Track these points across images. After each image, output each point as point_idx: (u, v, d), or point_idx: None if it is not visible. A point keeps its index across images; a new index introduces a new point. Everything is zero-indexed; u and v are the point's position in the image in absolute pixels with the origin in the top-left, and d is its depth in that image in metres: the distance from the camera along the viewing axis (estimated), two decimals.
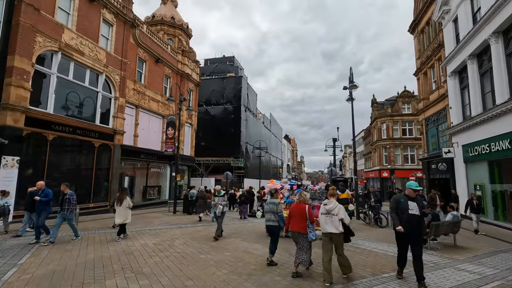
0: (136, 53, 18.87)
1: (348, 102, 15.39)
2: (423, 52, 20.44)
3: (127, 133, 17.79)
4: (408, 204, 4.79)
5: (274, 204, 6.03)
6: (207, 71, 41.11)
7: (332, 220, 4.86)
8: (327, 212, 4.96)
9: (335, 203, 5.00)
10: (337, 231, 4.79)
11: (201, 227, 10.69)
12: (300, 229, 5.04)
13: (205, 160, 35.73)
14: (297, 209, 5.23)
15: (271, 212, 5.93)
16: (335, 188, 5.64)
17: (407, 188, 5.01)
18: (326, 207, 5.00)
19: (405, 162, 33.97)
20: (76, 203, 8.27)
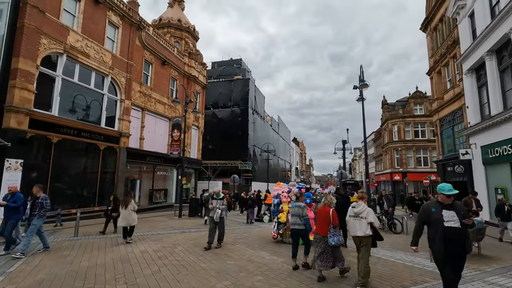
0: (142, 55, 18.76)
1: (359, 102, 14.80)
2: (437, 50, 19.68)
3: (133, 136, 17.62)
4: (443, 214, 3.66)
5: (299, 207, 5.95)
6: (215, 74, 40.99)
7: (360, 223, 4.78)
8: (356, 215, 4.88)
9: (363, 206, 4.91)
10: (364, 235, 4.70)
11: (205, 232, 10.22)
12: (324, 233, 5.01)
13: (212, 163, 35.46)
14: (322, 212, 5.22)
15: (297, 216, 5.86)
16: (363, 191, 5.57)
17: (439, 193, 3.84)
18: (354, 209, 4.92)
19: (417, 165, 32.89)
20: (49, 208, 7.36)
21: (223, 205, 7.70)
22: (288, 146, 66.94)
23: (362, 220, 4.78)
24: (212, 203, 7.76)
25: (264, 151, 39.65)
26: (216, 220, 7.50)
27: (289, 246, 7.65)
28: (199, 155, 26.10)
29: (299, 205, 6.04)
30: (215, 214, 7.51)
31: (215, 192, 8.01)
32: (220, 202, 7.69)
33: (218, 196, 7.81)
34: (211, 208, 7.69)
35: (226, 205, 7.81)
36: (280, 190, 8.28)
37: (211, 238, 7.51)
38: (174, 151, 17.43)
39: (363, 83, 13.20)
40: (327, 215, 5.07)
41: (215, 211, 7.53)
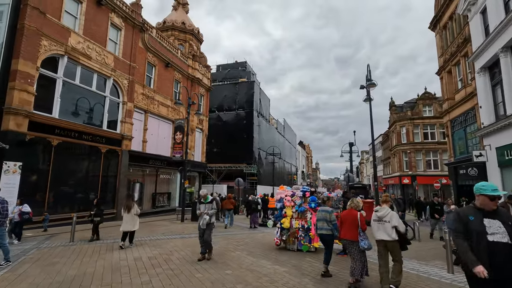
0: (145, 57, 18.61)
1: (366, 102, 14.29)
2: (447, 49, 19.05)
3: (135, 139, 17.40)
4: (485, 223, 2.70)
5: (326, 212, 5.85)
6: (219, 77, 40.86)
7: (384, 227, 4.71)
8: (379, 219, 4.82)
9: (387, 209, 4.85)
10: (390, 239, 4.61)
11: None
12: (352, 237, 4.91)
13: (217, 167, 35.15)
14: (349, 216, 5.11)
15: (324, 220, 5.77)
16: (387, 195, 5.43)
17: (479, 195, 2.84)
18: (377, 213, 4.86)
19: (427, 168, 31.97)
20: (7, 213, 6.23)
21: (212, 209, 6.87)
22: (294, 149, 66.32)
23: (386, 224, 4.70)
24: (200, 208, 6.89)
25: (269, 154, 39.21)
26: (203, 227, 6.64)
27: (292, 253, 7.22)
28: (203, 158, 25.80)
29: (325, 209, 5.92)
30: (201, 220, 6.67)
31: (202, 196, 7.06)
32: (209, 207, 6.87)
33: (206, 200, 6.94)
34: (198, 214, 6.91)
35: (215, 209, 7.02)
36: (283, 194, 7.83)
37: (203, 248, 6.76)
38: (176, 154, 17.13)
39: (370, 83, 12.72)
40: (354, 219, 4.98)
41: (202, 217, 6.68)
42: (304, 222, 7.32)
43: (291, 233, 7.38)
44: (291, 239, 7.43)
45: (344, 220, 5.15)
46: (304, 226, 7.26)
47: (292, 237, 7.41)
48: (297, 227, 7.36)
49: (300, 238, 7.28)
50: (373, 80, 12.73)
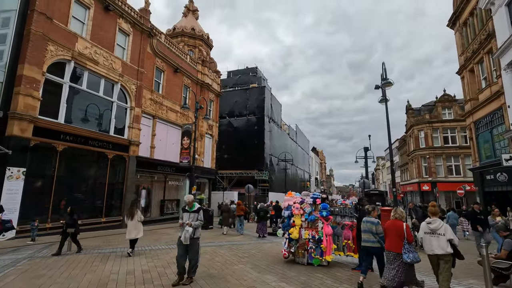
0: (153, 62, 18.49)
1: (382, 103, 13.43)
2: (468, 46, 17.94)
3: (143, 144, 17.15)
4: None
5: (372, 223, 5.57)
6: (230, 83, 40.71)
7: (438, 240, 4.52)
8: (432, 232, 4.62)
9: (440, 222, 4.66)
10: (444, 252, 4.43)
11: (210, 247, 9.23)
12: (397, 249, 4.65)
13: (228, 173, 34.68)
14: (394, 227, 4.84)
15: (370, 232, 5.51)
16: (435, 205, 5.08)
17: None
18: (430, 226, 4.65)
19: (448, 174, 30.26)
20: None
21: (197, 220, 5.52)
22: (307, 155, 65.10)
23: (440, 237, 4.51)
24: (183, 218, 5.59)
25: (281, 160, 38.40)
26: (185, 242, 5.24)
27: (302, 267, 6.48)
28: (213, 164, 25.35)
29: (371, 220, 5.63)
30: (182, 233, 5.33)
31: (186, 202, 5.72)
32: (194, 217, 5.50)
33: (191, 208, 5.59)
34: (179, 224, 5.61)
35: (202, 221, 5.66)
36: (291, 201, 7.13)
37: (180, 267, 5.36)
38: (184, 160, 16.73)
39: (386, 82, 11.89)
40: (400, 230, 4.71)
41: (184, 229, 5.33)
42: (314, 233, 6.58)
43: (300, 245, 6.65)
44: (300, 251, 6.69)
45: (388, 231, 4.89)
46: (314, 237, 6.52)
47: (301, 249, 6.67)
48: (306, 238, 6.63)
49: (311, 250, 6.53)
50: (389, 79, 11.89)
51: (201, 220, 5.67)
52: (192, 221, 5.47)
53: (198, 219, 5.60)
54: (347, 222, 6.88)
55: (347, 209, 7.07)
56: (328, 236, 6.37)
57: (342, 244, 6.79)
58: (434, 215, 4.76)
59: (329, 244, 6.34)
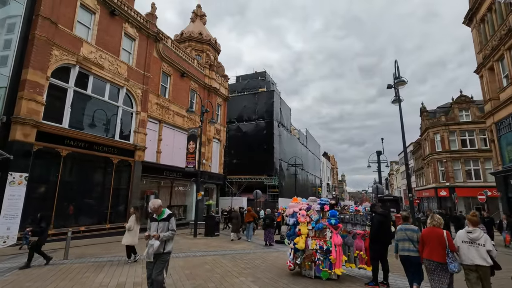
0: (159, 67, 18.39)
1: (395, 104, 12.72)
2: (486, 43, 17.00)
3: (149, 149, 16.94)
4: None
5: (413, 231, 5.36)
6: (239, 88, 40.53)
7: (478, 250, 4.36)
8: (471, 242, 4.45)
9: (480, 231, 4.50)
10: (485, 264, 4.27)
11: (212, 256, 8.73)
12: (439, 259, 4.49)
13: (237, 179, 34.27)
14: (434, 235, 4.65)
15: (410, 241, 5.26)
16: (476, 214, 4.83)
17: None
18: (470, 235, 4.48)
19: (467, 179, 28.80)
20: None
21: (167, 230, 4.51)
22: (318, 160, 63.99)
23: (480, 248, 4.36)
24: (150, 228, 4.58)
25: (291, 165, 37.68)
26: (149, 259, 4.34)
27: (309, 281, 5.88)
28: (221, 169, 24.96)
29: (411, 228, 5.41)
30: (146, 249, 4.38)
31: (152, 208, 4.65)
32: (163, 226, 4.50)
33: (160, 216, 4.60)
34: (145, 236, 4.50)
35: (174, 231, 4.62)
36: (296, 207, 6.56)
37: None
38: (189, 164, 16.39)
39: (399, 80, 11.21)
40: (440, 238, 4.55)
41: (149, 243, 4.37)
42: (322, 243, 5.98)
43: (307, 256, 6.05)
44: (306, 263, 6.09)
45: (428, 239, 4.68)
46: (322, 247, 5.92)
47: (308, 261, 6.07)
48: (314, 248, 6.03)
49: (318, 262, 5.92)
50: (402, 77, 11.21)
51: (172, 230, 4.57)
52: (161, 232, 4.44)
53: (169, 229, 4.53)
54: (359, 231, 6.25)
55: (358, 216, 6.44)
56: (338, 246, 5.76)
57: (354, 255, 6.15)
58: (475, 224, 4.56)
59: (339, 255, 5.73)
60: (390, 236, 5.90)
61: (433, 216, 4.89)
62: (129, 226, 8.01)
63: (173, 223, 4.69)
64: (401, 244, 5.33)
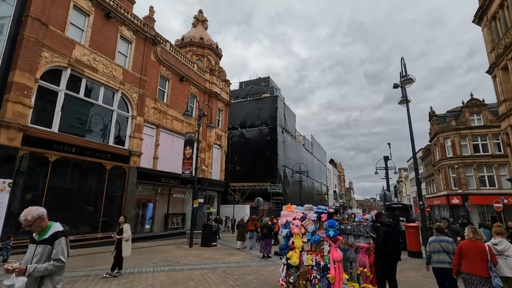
0: (157, 70, 17.96)
1: (402, 105, 11.90)
2: (499, 42, 16.08)
3: (146, 155, 16.37)
4: None
5: (448, 242, 5.21)
6: (242, 94, 40.11)
7: (506, 262, 4.42)
8: (499, 254, 4.50)
9: (507, 243, 4.54)
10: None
11: (200, 271, 7.93)
12: (482, 273, 4.33)
13: (240, 186, 33.46)
14: (475, 248, 4.50)
15: (445, 252, 5.09)
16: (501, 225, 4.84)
17: None
18: (497, 247, 4.53)
19: (481, 186, 27.38)
20: None
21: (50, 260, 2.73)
22: (324, 167, 62.73)
23: (509, 259, 4.42)
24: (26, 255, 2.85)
25: (295, 172, 36.74)
26: None
27: None
28: (222, 176, 24.22)
29: (446, 239, 5.28)
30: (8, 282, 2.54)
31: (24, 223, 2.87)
32: (41, 253, 2.77)
33: (41, 235, 2.89)
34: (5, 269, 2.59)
35: (59, 261, 2.75)
36: (290, 217, 5.77)
37: None
38: (186, 170, 15.70)
39: (406, 78, 10.42)
40: (483, 252, 4.41)
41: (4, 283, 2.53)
42: (319, 258, 5.15)
43: (302, 274, 5.22)
44: (301, 282, 5.25)
45: (468, 252, 4.51)
46: (319, 263, 5.09)
47: (302, 279, 5.23)
48: (309, 264, 5.20)
49: (315, 281, 5.08)
50: (410, 75, 10.42)
51: (57, 259, 2.75)
52: (37, 263, 2.69)
53: (52, 259, 2.74)
54: (362, 244, 5.40)
55: (362, 227, 5.60)
56: (337, 262, 4.92)
57: (357, 273, 5.30)
58: (500, 235, 4.60)
59: (339, 273, 4.88)
60: (399, 249, 5.04)
61: (474, 229, 4.71)
62: (128, 236, 7.29)
63: (60, 248, 2.80)
64: (435, 256, 5.14)
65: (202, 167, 21.37)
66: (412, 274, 8.14)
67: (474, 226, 4.87)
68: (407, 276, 7.83)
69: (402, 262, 10.17)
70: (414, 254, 11.30)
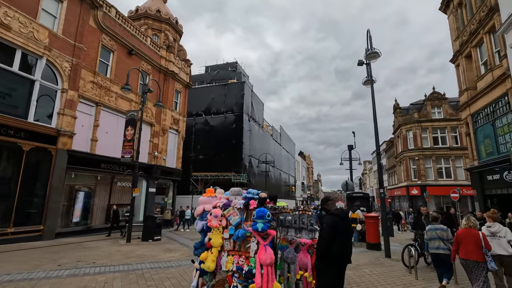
0: (98, 39, 15.42)
1: (367, 86, 10.85)
2: (464, 29, 15.72)
3: (81, 136, 14.04)
4: None
5: (443, 230, 5.65)
6: (208, 79, 37.91)
7: (500, 242, 4.84)
8: (492, 235, 4.91)
9: (500, 225, 5.00)
10: (506, 253, 4.77)
11: (112, 274, 6.24)
12: (478, 258, 4.60)
13: (203, 175, 31.61)
14: (471, 235, 4.75)
15: (440, 239, 5.53)
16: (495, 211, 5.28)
17: None
18: (491, 229, 4.98)
19: (439, 177, 28.13)
20: None
21: None
22: (293, 159, 62.54)
23: (501, 239, 4.84)
24: None
25: (261, 162, 35.59)
26: None
27: None
28: (178, 164, 22.22)
29: (441, 227, 5.75)
30: None
31: None
32: None
33: None
34: None
35: None
36: (209, 204, 4.26)
37: None
38: (126, 154, 13.61)
39: (371, 52, 9.28)
40: (477, 239, 4.67)
41: None
42: (243, 260, 3.71)
43: (218, 283, 3.75)
44: None
45: (464, 239, 4.80)
46: (241, 268, 3.65)
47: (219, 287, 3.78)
48: (229, 269, 3.76)
49: None
50: (375, 49, 9.30)
51: None
52: None
53: None
54: (304, 240, 4.05)
55: (305, 217, 4.24)
56: (266, 266, 3.52)
57: (295, 279, 3.94)
58: (494, 220, 5.10)
59: (267, 281, 3.48)
60: (349, 250, 3.71)
61: (469, 218, 5.01)
62: None
63: None
64: (431, 243, 5.63)
65: (154, 153, 19.28)
66: (368, 270, 7.11)
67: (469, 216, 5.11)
68: (362, 273, 6.76)
69: (359, 255, 9.17)
70: (373, 246, 10.48)
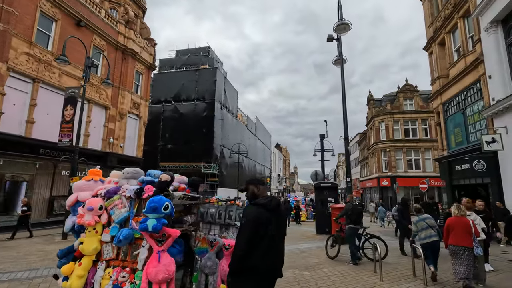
0: (35, 4, 13.22)
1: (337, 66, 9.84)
2: (438, 15, 15.20)
3: (12, 117, 12.05)
4: None
5: (430, 218, 5.90)
6: (178, 63, 35.71)
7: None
8: None
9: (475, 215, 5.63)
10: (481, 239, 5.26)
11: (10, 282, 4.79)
12: (468, 244, 4.88)
13: (171, 166, 29.82)
14: (461, 223, 5.02)
15: (431, 227, 5.71)
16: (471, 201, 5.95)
17: None
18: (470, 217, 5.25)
19: (408, 169, 28.42)
20: None
21: None
22: (269, 150, 61.82)
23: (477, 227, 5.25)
24: None
25: (234, 153, 34.33)
26: None
27: None
28: (139, 152, 20.42)
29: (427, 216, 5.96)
30: None
31: None
32: None
33: None
34: None
35: None
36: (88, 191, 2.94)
37: None
38: (64, 138, 11.75)
39: (341, 22, 8.21)
40: (467, 226, 4.96)
41: None
42: (126, 274, 2.48)
43: None
44: None
45: (454, 227, 5.03)
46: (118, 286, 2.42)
47: None
48: None
49: None
50: (345, 20, 8.23)
51: None
52: None
53: None
54: (229, 241, 2.88)
55: (234, 210, 3.07)
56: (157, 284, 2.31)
57: None
58: (470, 209, 5.71)
59: None
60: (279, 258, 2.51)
61: (460, 207, 5.20)
62: None
63: None
64: (423, 233, 5.68)
65: (109, 139, 17.39)
66: (329, 270, 6.16)
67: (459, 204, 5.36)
68: (321, 274, 5.79)
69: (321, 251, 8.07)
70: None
